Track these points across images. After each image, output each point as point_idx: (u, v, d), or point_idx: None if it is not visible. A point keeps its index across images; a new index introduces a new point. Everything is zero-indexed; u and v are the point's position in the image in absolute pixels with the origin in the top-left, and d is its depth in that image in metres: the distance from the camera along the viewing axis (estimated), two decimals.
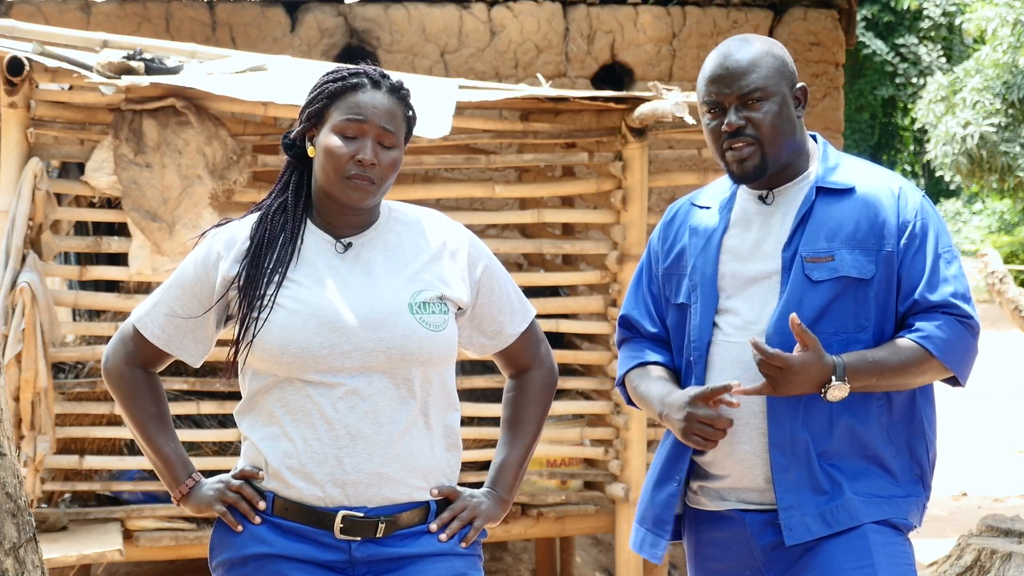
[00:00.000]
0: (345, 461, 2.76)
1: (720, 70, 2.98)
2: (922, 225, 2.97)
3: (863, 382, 2.88)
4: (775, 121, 2.96)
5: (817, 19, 9.27)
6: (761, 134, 2.96)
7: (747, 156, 2.97)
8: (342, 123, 2.78)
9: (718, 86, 2.97)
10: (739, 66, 2.96)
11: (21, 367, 5.49)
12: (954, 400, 13.99)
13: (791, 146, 3.00)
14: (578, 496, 6.41)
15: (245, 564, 2.81)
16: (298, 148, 2.88)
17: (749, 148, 2.96)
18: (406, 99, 2.85)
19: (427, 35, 8.80)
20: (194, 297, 2.86)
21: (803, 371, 2.83)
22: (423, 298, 2.81)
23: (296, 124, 2.89)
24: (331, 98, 2.81)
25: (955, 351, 2.92)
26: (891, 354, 2.90)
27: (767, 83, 2.96)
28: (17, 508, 2.98)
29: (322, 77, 2.86)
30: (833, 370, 2.85)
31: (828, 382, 2.85)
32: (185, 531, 5.91)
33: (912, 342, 2.91)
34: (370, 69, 2.85)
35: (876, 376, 2.89)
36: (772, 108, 2.96)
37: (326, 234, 2.85)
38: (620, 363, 3.21)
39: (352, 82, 2.81)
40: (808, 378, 2.84)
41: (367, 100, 2.79)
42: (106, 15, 8.46)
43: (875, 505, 2.95)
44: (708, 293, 3.03)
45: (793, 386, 2.85)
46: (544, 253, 7.02)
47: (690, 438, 2.92)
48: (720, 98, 2.97)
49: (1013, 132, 13.39)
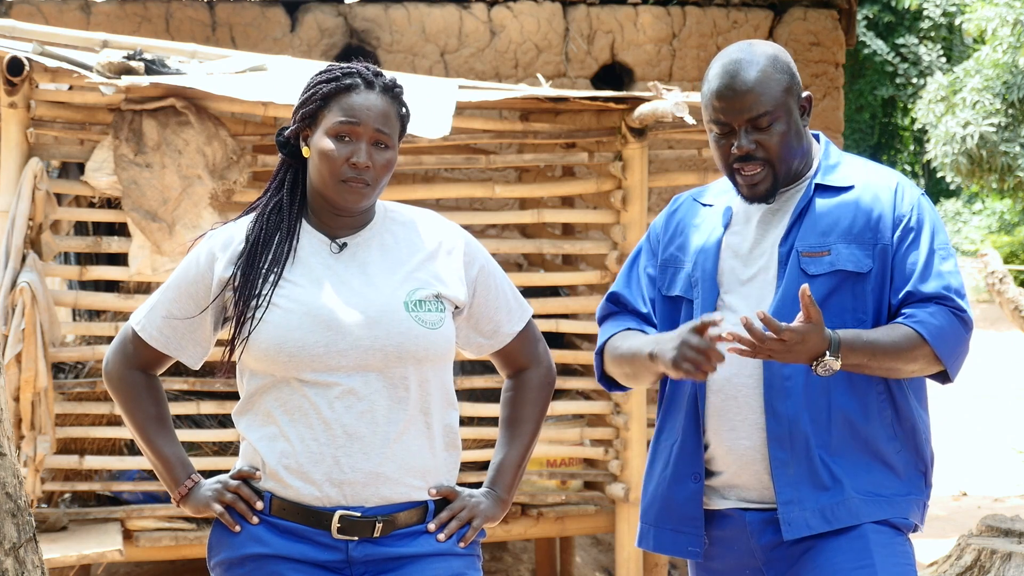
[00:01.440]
0: (342, 461, 2.76)
1: (728, 91, 2.94)
2: (918, 219, 2.97)
3: (855, 360, 2.86)
4: (784, 140, 2.96)
5: (817, 19, 9.27)
6: (771, 156, 2.95)
7: (759, 180, 2.96)
8: (336, 126, 2.78)
9: (726, 106, 2.94)
10: (747, 87, 2.93)
11: (21, 367, 5.49)
12: (954, 400, 13.99)
13: (800, 157, 3.01)
14: (578, 496, 6.41)
15: (243, 564, 2.81)
16: (292, 146, 2.88)
17: (761, 172, 2.96)
18: (399, 97, 2.85)
19: (427, 35, 8.80)
20: (191, 299, 2.87)
21: (803, 340, 2.79)
22: (419, 296, 2.81)
23: (291, 122, 2.88)
24: (325, 99, 2.80)
25: (947, 339, 2.91)
26: (884, 335, 2.89)
27: (776, 103, 2.94)
28: (17, 508, 2.98)
29: (315, 77, 2.85)
30: (828, 344, 2.83)
31: (822, 356, 2.83)
32: (185, 531, 5.92)
33: (905, 326, 2.90)
34: (363, 68, 2.84)
35: (868, 356, 2.86)
36: (781, 128, 2.95)
37: (321, 234, 2.85)
38: (602, 333, 3.15)
39: (346, 83, 2.80)
40: (806, 348, 2.81)
41: (361, 102, 2.79)
42: (106, 15, 8.46)
43: (876, 504, 2.94)
44: (708, 289, 3.03)
45: (789, 355, 2.82)
46: (544, 253, 7.02)
47: (681, 365, 2.83)
48: (729, 119, 2.95)
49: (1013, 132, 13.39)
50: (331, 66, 2.86)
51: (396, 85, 2.85)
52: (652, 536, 3.10)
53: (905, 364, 2.91)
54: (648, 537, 3.11)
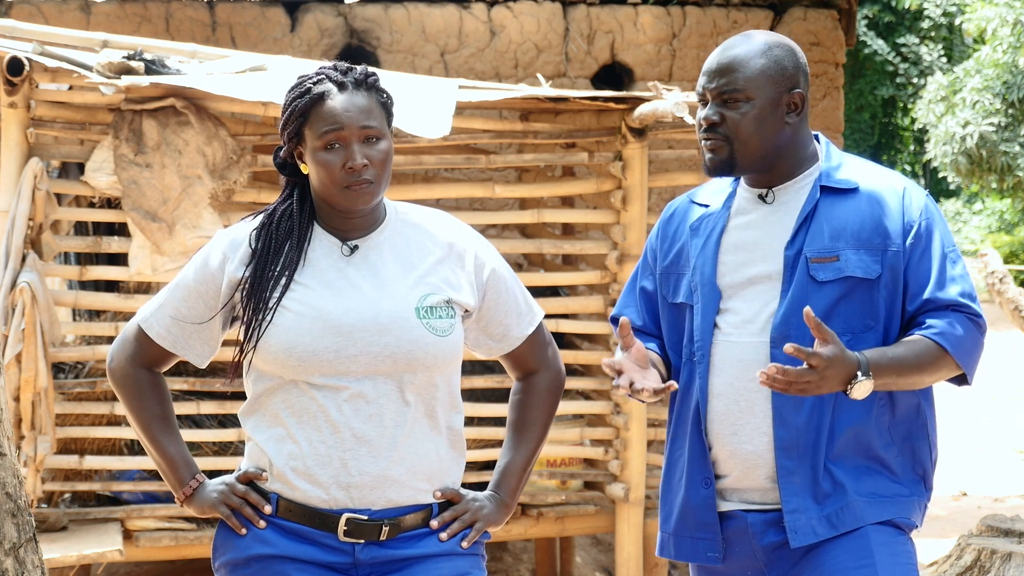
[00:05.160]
0: (350, 464, 2.75)
1: (711, 63, 3.00)
2: (927, 225, 2.97)
3: (884, 379, 2.85)
4: (749, 124, 2.94)
5: (817, 19, 9.27)
6: (731, 133, 2.95)
7: (714, 149, 2.97)
8: (322, 137, 2.76)
9: (705, 79, 2.99)
10: (725, 63, 2.96)
11: (21, 367, 5.49)
12: (954, 400, 13.99)
13: (772, 150, 2.97)
14: (578, 496, 6.41)
15: (248, 565, 2.80)
16: (291, 166, 2.87)
17: (717, 142, 2.96)
18: (375, 86, 2.82)
19: (427, 35, 8.80)
20: (200, 298, 2.86)
21: (831, 365, 2.77)
22: (430, 302, 2.80)
23: (281, 143, 2.87)
24: (303, 114, 2.78)
25: (967, 348, 2.91)
26: (908, 351, 2.88)
27: (748, 85, 2.94)
28: (17, 508, 2.98)
29: (288, 95, 2.83)
30: (858, 366, 2.81)
31: (854, 378, 2.81)
32: (185, 531, 5.92)
33: (927, 339, 2.89)
34: (330, 70, 2.81)
35: (896, 373, 2.86)
36: (749, 110, 2.95)
37: (332, 237, 2.84)
38: None
39: (318, 92, 2.78)
40: (835, 373, 2.78)
41: (338, 105, 2.77)
42: (106, 15, 8.46)
43: (879, 505, 2.94)
44: (709, 293, 3.02)
45: (823, 384, 2.79)
46: (544, 253, 7.02)
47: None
48: (703, 90, 2.99)
49: (1013, 132, 13.40)
50: (301, 79, 2.83)
51: (369, 75, 2.82)
52: (673, 544, 3.10)
53: (928, 376, 2.92)
54: (668, 546, 3.12)
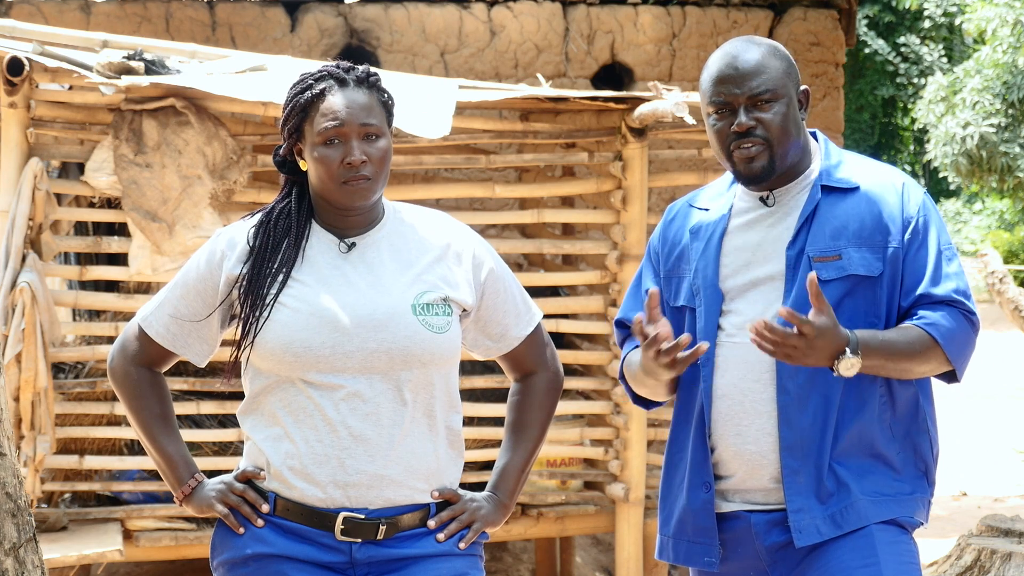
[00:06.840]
0: (347, 463, 2.76)
1: (729, 70, 2.96)
2: (924, 221, 2.98)
3: (873, 360, 2.86)
4: (784, 122, 2.96)
5: (817, 19, 9.27)
6: (771, 135, 2.95)
7: (755, 155, 2.96)
8: (322, 132, 2.78)
9: (727, 86, 2.96)
10: (749, 67, 2.95)
11: (21, 367, 5.48)
12: (954, 400, 14.00)
13: (796, 148, 3.00)
14: (578, 496, 6.41)
15: (246, 564, 2.81)
16: (290, 164, 2.88)
17: (758, 148, 2.95)
18: (377, 85, 2.84)
19: (427, 35, 8.80)
20: (198, 296, 2.87)
21: (821, 336, 2.78)
22: (427, 300, 2.81)
23: (281, 140, 2.88)
24: (304, 110, 2.80)
25: (957, 342, 2.92)
26: (899, 336, 2.90)
27: (776, 84, 2.95)
28: (17, 508, 2.99)
29: (290, 91, 2.85)
30: (847, 342, 2.82)
31: (842, 354, 2.83)
32: (185, 531, 5.92)
33: (919, 328, 2.91)
34: (333, 67, 2.84)
35: (885, 356, 2.87)
36: (781, 109, 2.96)
37: (330, 234, 2.85)
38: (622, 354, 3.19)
39: (319, 89, 2.80)
40: (824, 345, 2.80)
41: (339, 102, 2.78)
42: (106, 15, 8.46)
43: (883, 504, 2.95)
44: (711, 295, 3.02)
45: (810, 353, 2.81)
46: (544, 253, 7.02)
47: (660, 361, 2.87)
48: (730, 98, 2.96)
49: (1013, 132, 13.41)
50: (303, 75, 2.86)
51: (371, 74, 2.84)
52: (671, 548, 3.11)
53: (919, 365, 2.92)
54: (667, 549, 3.12)
